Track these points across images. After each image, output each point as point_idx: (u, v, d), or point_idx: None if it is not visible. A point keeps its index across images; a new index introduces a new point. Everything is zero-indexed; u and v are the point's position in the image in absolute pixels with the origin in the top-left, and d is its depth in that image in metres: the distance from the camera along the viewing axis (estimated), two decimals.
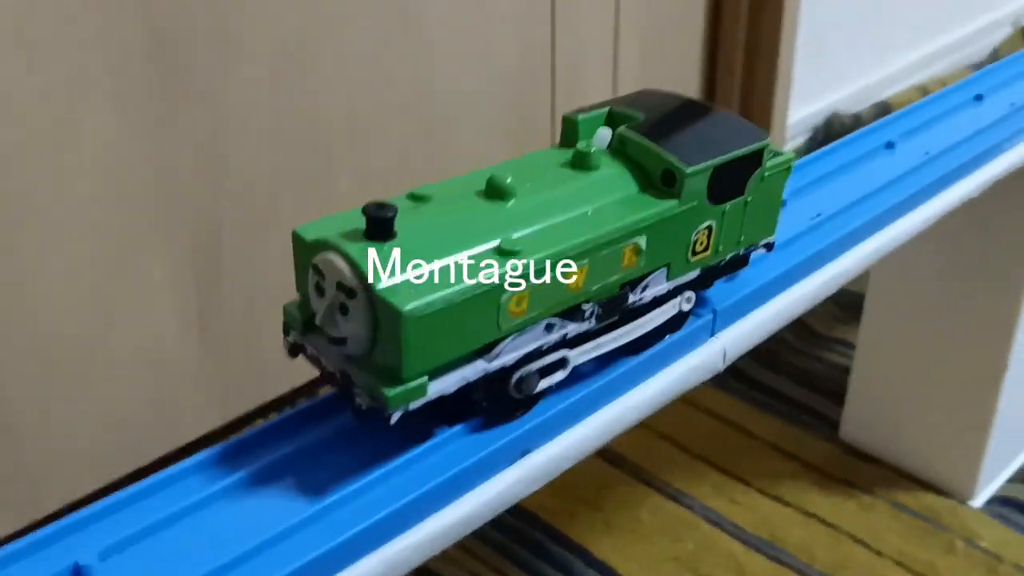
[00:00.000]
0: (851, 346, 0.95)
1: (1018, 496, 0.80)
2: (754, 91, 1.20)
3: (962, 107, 0.68)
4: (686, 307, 0.43)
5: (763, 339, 0.48)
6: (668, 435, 0.87)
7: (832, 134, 1.34)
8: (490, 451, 0.37)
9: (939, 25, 1.54)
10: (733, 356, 0.46)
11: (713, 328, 0.45)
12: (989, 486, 0.81)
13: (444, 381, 0.35)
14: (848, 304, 1.01)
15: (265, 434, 0.38)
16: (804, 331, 1.00)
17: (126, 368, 0.76)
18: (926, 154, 0.61)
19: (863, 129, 0.63)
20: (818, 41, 1.27)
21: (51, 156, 0.67)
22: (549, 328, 0.38)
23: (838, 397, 0.88)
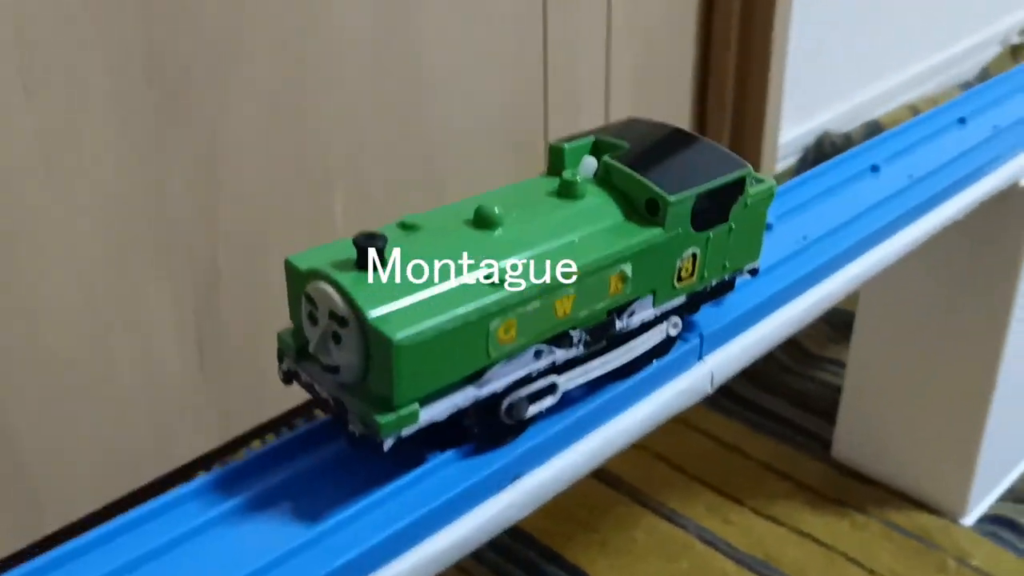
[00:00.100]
0: (843, 365, 0.96)
1: (1008, 514, 0.81)
2: (745, 113, 1.21)
3: (946, 130, 0.69)
4: (673, 332, 0.44)
5: (750, 362, 0.48)
6: (662, 455, 0.88)
7: (823, 154, 1.35)
8: (482, 476, 0.38)
9: (928, 45, 1.56)
10: (721, 379, 0.47)
11: (700, 352, 0.46)
12: (980, 505, 0.81)
13: (435, 408, 0.36)
14: (840, 323, 1.02)
15: (261, 460, 0.39)
16: (796, 350, 1.00)
17: (125, 391, 0.77)
18: (910, 177, 0.62)
19: (848, 152, 0.64)
20: (808, 62, 1.28)
21: (51, 182, 0.68)
22: (538, 355, 0.38)
23: (830, 416, 0.89)
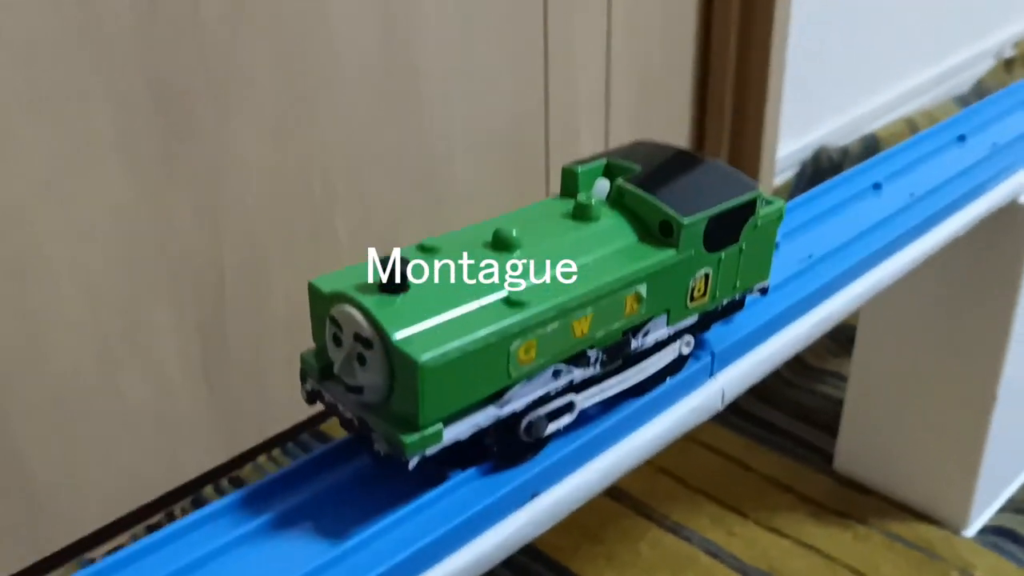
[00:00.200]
0: (844, 378, 0.97)
1: (1010, 525, 0.82)
2: (744, 128, 1.22)
3: (946, 148, 0.70)
4: (686, 350, 0.45)
5: (759, 379, 0.49)
6: (667, 469, 0.88)
7: (820, 168, 1.36)
8: (502, 494, 0.39)
9: (924, 59, 1.58)
10: (731, 396, 0.47)
11: (712, 370, 0.47)
12: (982, 516, 0.82)
13: (458, 427, 0.37)
14: (841, 337, 1.03)
15: (285, 479, 0.39)
16: (798, 364, 1.01)
17: (132, 408, 0.78)
18: (912, 195, 0.63)
19: (851, 171, 0.65)
20: (805, 76, 1.29)
21: (59, 204, 0.68)
22: (556, 374, 0.39)
23: (832, 430, 0.90)
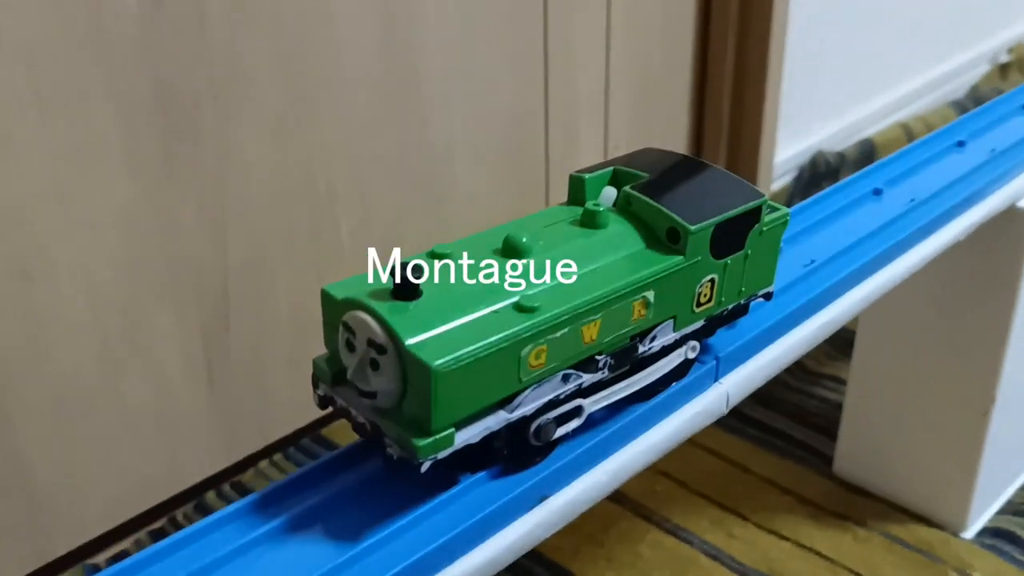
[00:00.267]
0: (842, 382, 0.97)
1: (1008, 527, 0.83)
2: (742, 133, 1.23)
3: (945, 153, 0.70)
4: (691, 355, 0.45)
5: (763, 383, 0.50)
6: (667, 472, 0.89)
7: (817, 172, 1.37)
8: (511, 497, 0.39)
9: (919, 64, 1.59)
10: (736, 400, 0.48)
11: (716, 374, 0.47)
12: (980, 518, 0.83)
13: (469, 431, 0.37)
14: (839, 341, 1.03)
15: (297, 483, 0.40)
16: (797, 368, 1.02)
17: (135, 413, 0.78)
18: (912, 200, 0.63)
19: (851, 177, 0.66)
20: (801, 82, 1.30)
21: (63, 205, 0.69)
22: (566, 379, 0.40)
23: (831, 433, 0.91)
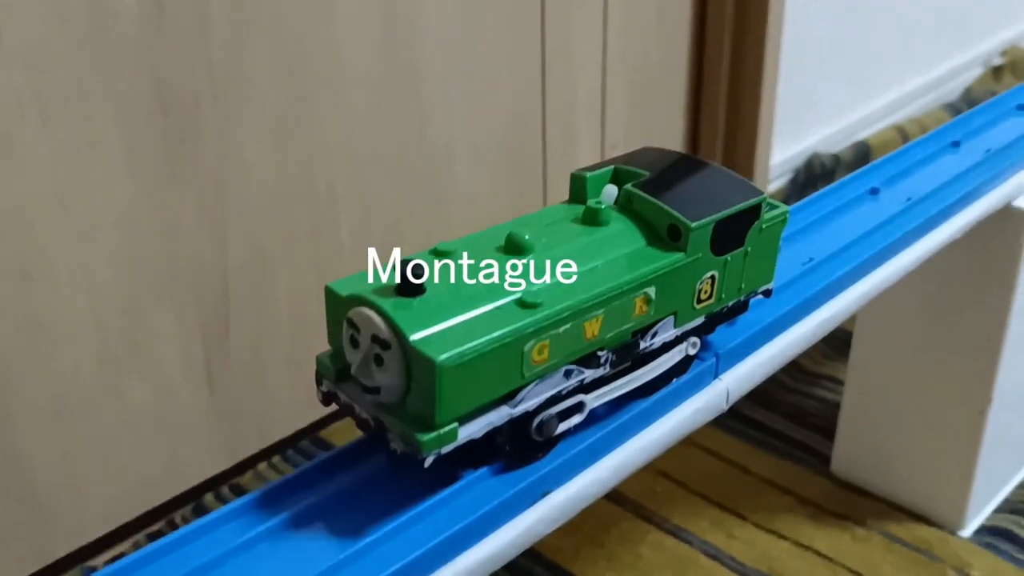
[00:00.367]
0: (839, 382, 0.98)
1: (1006, 525, 0.83)
2: (737, 136, 1.23)
3: (940, 153, 0.71)
4: (692, 352, 0.46)
5: (762, 380, 0.50)
6: (667, 472, 0.89)
7: (813, 174, 1.38)
8: (513, 492, 0.40)
9: (913, 67, 1.59)
10: (735, 397, 0.48)
11: (716, 371, 0.48)
12: (978, 516, 0.83)
13: (472, 426, 0.38)
14: (836, 341, 1.04)
15: (300, 479, 0.40)
16: (794, 369, 1.02)
17: (135, 414, 0.78)
18: (908, 200, 0.64)
19: (848, 177, 0.67)
20: (797, 84, 1.31)
21: (64, 207, 0.69)
22: (568, 374, 0.40)
23: (829, 433, 0.91)
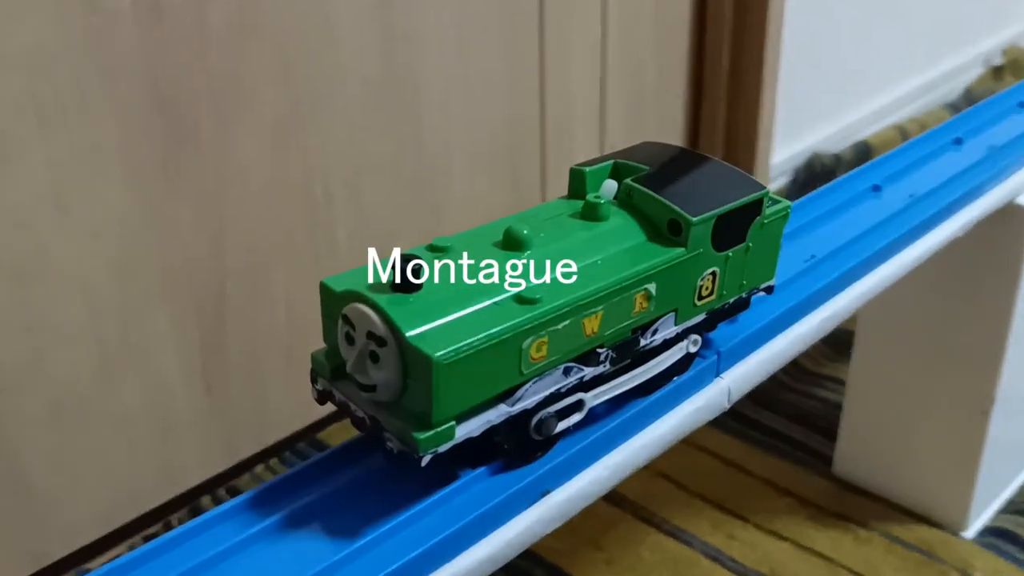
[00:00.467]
0: (841, 383, 0.97)
1: (1008, 527, 0.82)
2: (738, 135, 1.23)
3: (942, 150, 0.70)
4: (693, 349, 0.45)
5: (765, 378, 0.50)
6: (667, 473, 0.88)
7: (814, 174, 1.37)
8: (512, 492, 0.39)
9: (914, 67, 1.59)
10: (737, 395, 0.48)
11: (718, 369, 0.47)
12: (980, 517, 0.83)
13: (470, 424, 0.37)
14: (838, 341, 1.03)
15: (297, 478, 0.39)
16: (796, 369, 1.02)
17: (131, 417, 0.77)
18: (911, 196, 0.63)
19: (850, 173, 0.66)
20: (797, 84, 1.30)
21: (62, 209, 0.68)
22: (567, 372, 0.39)
23: (831, 433, 0.90)
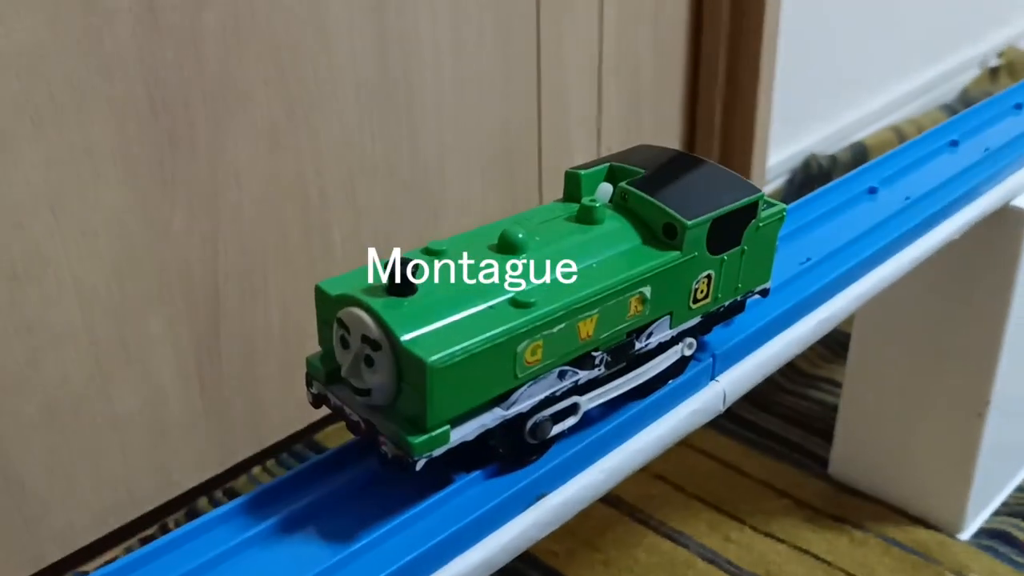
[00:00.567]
0: (838, 384, 0.97)
1: (1004, 528, 0.82)
2: (734, 137, 1.23)
3: (938, 152, 0.70)
4: (688, 352, 0.45)
5: (760, 381, 0.50)
6: (663, 475, 0.88)
7: (810, 175, 1.37)
8: (507, 496, 0.39)
9: (910, 68, 1.59)
10: (733, 398, 0.48)
11: (713, 372, 0.47)
12: (976, 519, 0.83)
13: (465, 428, 0.37)
14: (834, 343, 1.03)
15: (292, 482, 0.39)
16: (792, 371, 1.02)
17: (126, 420, 0.77)
18: (907, 199, 0.63)
19: (846, 176, 0.66)
20: (794, 85, 1.30)
21: (57, 212, 0.68)
22: (562, 375, 0.39)
23: (827, 435, 0.90)
